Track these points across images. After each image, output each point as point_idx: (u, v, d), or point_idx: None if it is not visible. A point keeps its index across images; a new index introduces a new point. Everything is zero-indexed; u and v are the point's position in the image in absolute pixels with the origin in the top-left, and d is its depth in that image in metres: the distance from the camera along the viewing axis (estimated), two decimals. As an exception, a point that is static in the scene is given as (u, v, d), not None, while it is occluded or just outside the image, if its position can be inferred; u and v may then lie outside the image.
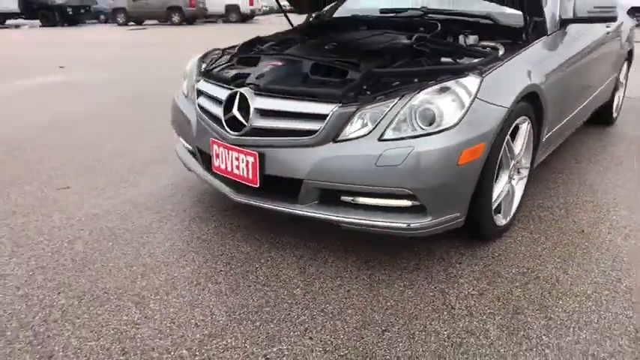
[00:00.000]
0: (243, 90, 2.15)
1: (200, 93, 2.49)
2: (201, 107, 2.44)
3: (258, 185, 2.13)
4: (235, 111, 2.16)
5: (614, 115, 4.41)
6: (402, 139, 1.89)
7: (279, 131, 2.07)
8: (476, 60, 2.22)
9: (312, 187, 2.04)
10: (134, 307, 1.88)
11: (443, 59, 2.32)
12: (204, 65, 2.71)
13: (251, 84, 2.19)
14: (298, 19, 3.53)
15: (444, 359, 1.62)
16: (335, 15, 3.58)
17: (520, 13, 2.61)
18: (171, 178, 3.17)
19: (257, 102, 2.11)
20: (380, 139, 1.92)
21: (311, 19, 3.49)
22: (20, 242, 2.37)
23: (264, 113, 2.11)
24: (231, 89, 2.23)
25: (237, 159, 2.18)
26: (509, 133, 2.16)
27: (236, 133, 2.16)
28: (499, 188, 2.26)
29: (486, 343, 1.69)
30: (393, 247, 2.29)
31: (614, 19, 2.76)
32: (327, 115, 1.97)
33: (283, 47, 2.77)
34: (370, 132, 1.94)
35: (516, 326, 1.77)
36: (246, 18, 22.23)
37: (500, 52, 2.32)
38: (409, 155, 1.86)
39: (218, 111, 2.28)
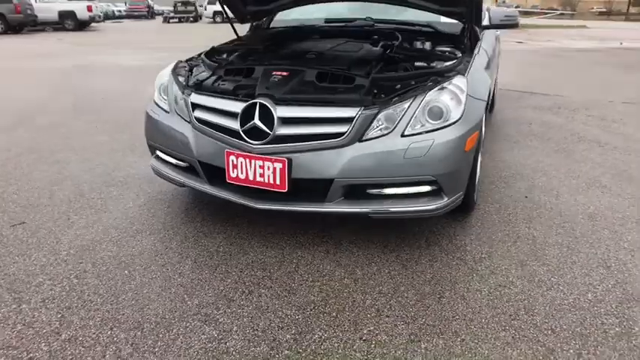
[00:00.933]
0: (262, 100, 2.23)
1: (196, 106, 2.47)
2: (201, 121, 2.42)
3: (287, 190, 2.24)
4: (258, 121, 2.23)
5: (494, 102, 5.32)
6: (420, 133, 2.19)
7: (305, 136, 2.21)
8: (448, 63, 2.60)
9: (341, 185, 2.22)
10: (204, 325, 1.87)
11: (417, 63, 2.67)
12: (181, 78, 2.66)
13: (265, 94, 2.27)
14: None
15: (495, 308, 1.96)
16: (272, 25, 3.73)
17: (455, 21, 3.11)
18: (137, 197, 3.02)
19: (279, 111, 2.22)
20: (403, 136, 2.19)
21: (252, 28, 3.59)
22: (17, 288, 2.10)
23: (287, 121, 2.22)
24: (245, 101, 2.29)
25: (261, 167, 2.25)
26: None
27: (259, 142, 2.23)
28: (478, 168, 2.70)
29: (518, 291, 2.09)
30: (396, 230, 2.58)
31: (517, 25, 3.43)
32: (353, 118, 2.18)
33: (259, 57, 2.85)
34: (392, 130, 2.19)
35: (529, 274, 2.21)
36: (83, 25, 20.36)
37: (460, 55, 2.76)
38: (431, 147, 2.16)
39: (230, 123, 2.31)
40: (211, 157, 2.40)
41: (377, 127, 2.20)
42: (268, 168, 2.24)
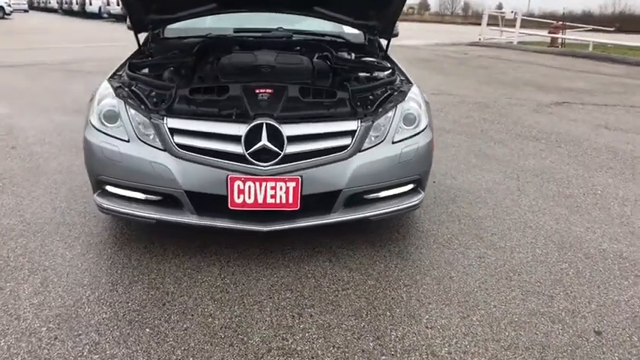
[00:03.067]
0: (269, 121, 2.17)
1: (175, 132, 2.22)
2: (186, 147, 2.21)
3: (299, 207, 2.25)
4: (267, 142, 2.16)
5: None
6: (405, 139, 2.45)
7: (312, 152, 2.25)
8: (387, 72, 2.90)
9: (347, 195, 2.33)
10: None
11: (361, 74, 2.91)
12: (133, 102, 2.34)
13: (263, 114, 2.22)
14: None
15: (486, 283, 2.39)
16: (169, 35, 3.45)
17: (358, 32, 3.44)
18: (93, 237, 2.53)
19: (287, 130, 2.20)
20: (393, 142, 2.42)
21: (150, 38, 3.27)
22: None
23: (295, 139, 2.22)
24: (243, 122, 2.19)
25: (273, 188, 2.20)
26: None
27: (268, 163, 2.17)
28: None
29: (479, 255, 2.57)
30: (356, 233, 2.81)
31: (397, 35, 3.94)
32: (355, 131, 2.31)
33: (211, 73, 2.70)
34: (384, 139, 2.40)
35: (475, 244, 2.72)
36: None
37: (388, 64, 3.09)
38: (417, 150, 2.45)
39: (230, 147, 2.19)
40: (205, 186, 2.22)
41: (373, 136, 2.38)
42: (281, 188, 2.21)
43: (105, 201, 2.38)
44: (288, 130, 2.21)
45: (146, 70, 2.82)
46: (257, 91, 2.37)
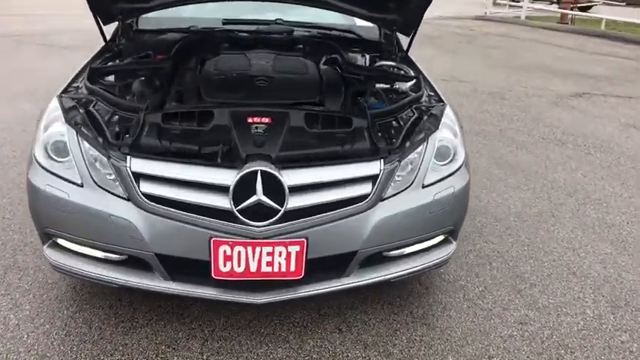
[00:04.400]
0: (265, 168, 1.63)
1: (141, 177, 1.69)
2: (155, 198, 1.68)
3: (302, 276, 1.75)
4: (262, 196, 1.63)
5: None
6: (438, 181, 1.93)
7: (321, 206, 1.73)
8: (411, 83, 2.35)
9: (364, 256, 1.83)
10: None
11: (380, 86, 2.35)
12: (90, 131, 1.79)
13: (258, 155, 1.68)
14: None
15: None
16: (144, 26, 2.85)
17: (371, 25, 2.84)
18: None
19: (288, 177, 1.67)
20: (424, 187, 1.90)
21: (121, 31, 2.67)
22: None
23: (299, 190, 1.70)
24: (232, 166, 1.66)
25: (270, 254, 1.69)
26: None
27: (264, 223, 1.66)
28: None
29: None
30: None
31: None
32: (377, 176, 1.78)
33: (191, 86, 2.14)
34: (413, 181, 1.88)
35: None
36: None
37: (410, 71, 2.52)
38: (453, 195, 1.94)
39: (214, 200, 1.66)
40: (182, 249, 1.71)
41: (399, 179, 1.86)
42: (280, 254, 1.70)
43: (56, 256, 1.86)
44: (290, 177, 1.68)
45: (111, 78, 2.26)
46: (250, 120, 1.82)
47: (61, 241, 1.85)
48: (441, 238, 2.04)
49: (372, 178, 1.78)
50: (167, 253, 1.72)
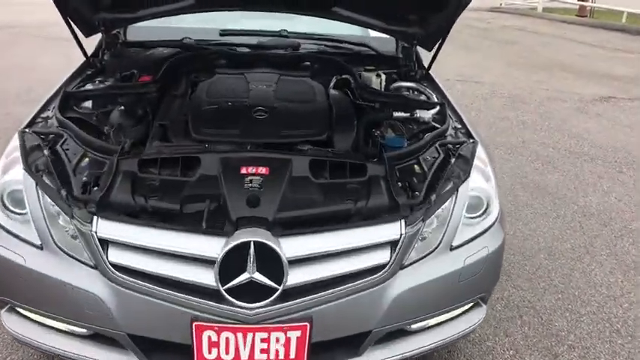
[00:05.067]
0: (260, 238, 1.32)
1: (110, 244, 1.38)
2: (127, 270, 1.37)
3: (305, 361, 1.44)
4: (255, 273, 1.32)
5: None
6: (469, 241, 1.61)
7: (328, 281, 1.41)
8: (433, 111, 2.00)
9: (380, 335, 1.52)
10: None
11: (398, 114, 2.01)
12: (52, 181, 1.47)
13: (251, 219, 1.37)
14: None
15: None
16: (132, 38, 2.51)
17: (387, 36, 2.48)
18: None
19: (287, 247, 1.35)
20: (452, 249, 1.58)
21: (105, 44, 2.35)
22: None
23: (299, 262, 1.38)
24: (217, 233, 1.34)
25: (264, 340, 1.38)
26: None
27: (257, 305, 1.34)
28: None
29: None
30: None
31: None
32: (397, 242, 1.46)
33: (177, 121, 1.82)
34: (440, 243, 1.56)
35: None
36: None
37: (434, 96, 2.18)
38: (486, 259, 1.61)
39: (196, 275, 1.35)
40: (159, 331, 1.41)
41: (422, 241, 1.54)
42: (277, 340, 1.39)
43: (15, 325, 1.56)
44: (290, 247, 1.36)
45: (88, 105, 1.94)
46: (244, 171, 1.50)
47: (20, 309, 1.56)
48: (470, 304, 1.72)
49: (391, 244, 1.46)
50: (141, 334, 1.42)
